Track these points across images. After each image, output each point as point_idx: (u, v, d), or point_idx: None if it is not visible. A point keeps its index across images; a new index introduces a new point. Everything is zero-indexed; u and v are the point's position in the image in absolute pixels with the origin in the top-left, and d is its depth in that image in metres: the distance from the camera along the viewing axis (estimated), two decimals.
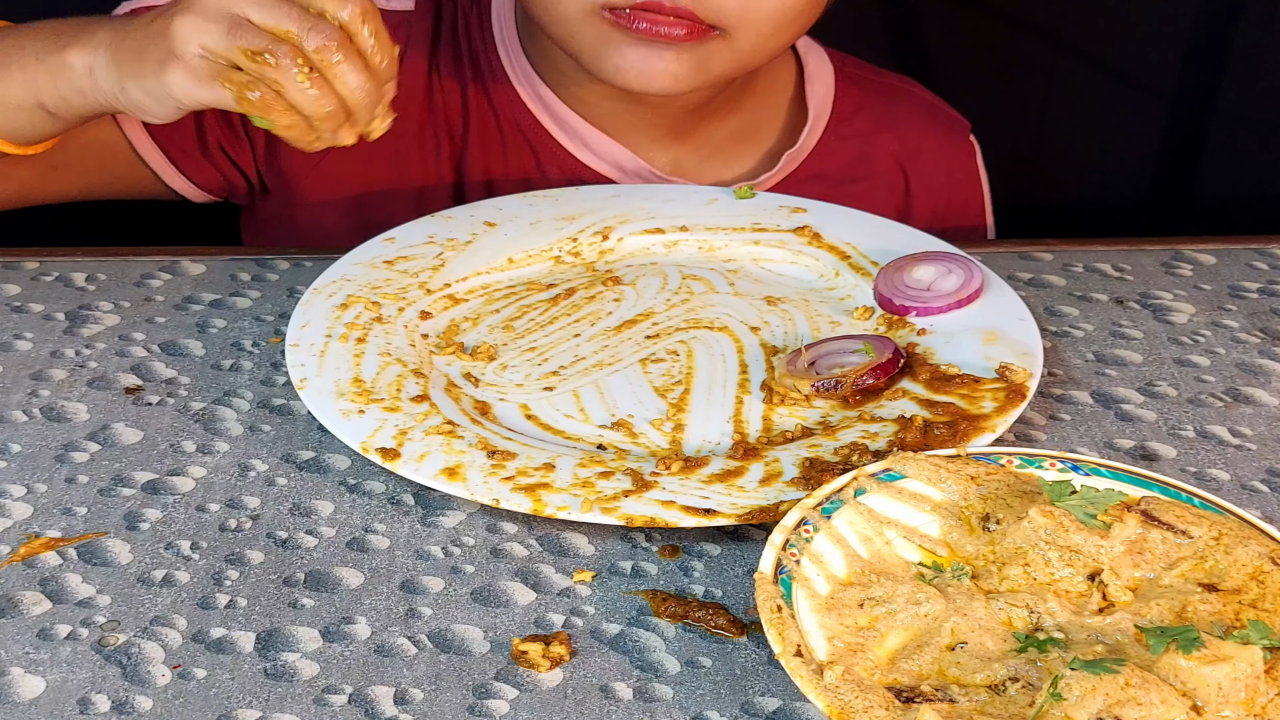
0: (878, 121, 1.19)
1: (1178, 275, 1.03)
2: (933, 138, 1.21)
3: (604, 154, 1.12)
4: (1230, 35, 1.50)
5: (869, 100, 1.19)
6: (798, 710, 0.65)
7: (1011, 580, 0.69)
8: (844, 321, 0.95)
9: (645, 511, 0.74)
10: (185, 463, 0.81)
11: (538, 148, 1.13)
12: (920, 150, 1.20)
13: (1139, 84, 1.52)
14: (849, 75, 1.20)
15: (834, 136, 1.17)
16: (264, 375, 0.90)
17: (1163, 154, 1.55)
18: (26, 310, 0.97)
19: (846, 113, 1.18)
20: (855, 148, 1.18)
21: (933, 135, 1.21)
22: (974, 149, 1.23)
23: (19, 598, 0.71)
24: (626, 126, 1.12)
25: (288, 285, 1.00)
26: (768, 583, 0.66)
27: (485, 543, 0.76)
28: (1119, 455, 0.83)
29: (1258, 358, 0.93)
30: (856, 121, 1.18)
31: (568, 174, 1.13)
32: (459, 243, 1.01)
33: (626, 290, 0.98)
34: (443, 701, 0.65)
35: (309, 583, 0.73)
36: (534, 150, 1.13)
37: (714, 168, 1.16)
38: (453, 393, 0.86)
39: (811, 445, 0.80)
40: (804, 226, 1.03)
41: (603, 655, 0.68)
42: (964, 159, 1.23)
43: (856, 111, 1.18)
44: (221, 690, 0.66)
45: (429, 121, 1.13)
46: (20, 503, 0.78)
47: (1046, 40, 1.50)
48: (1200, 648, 0.61)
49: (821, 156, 1.17)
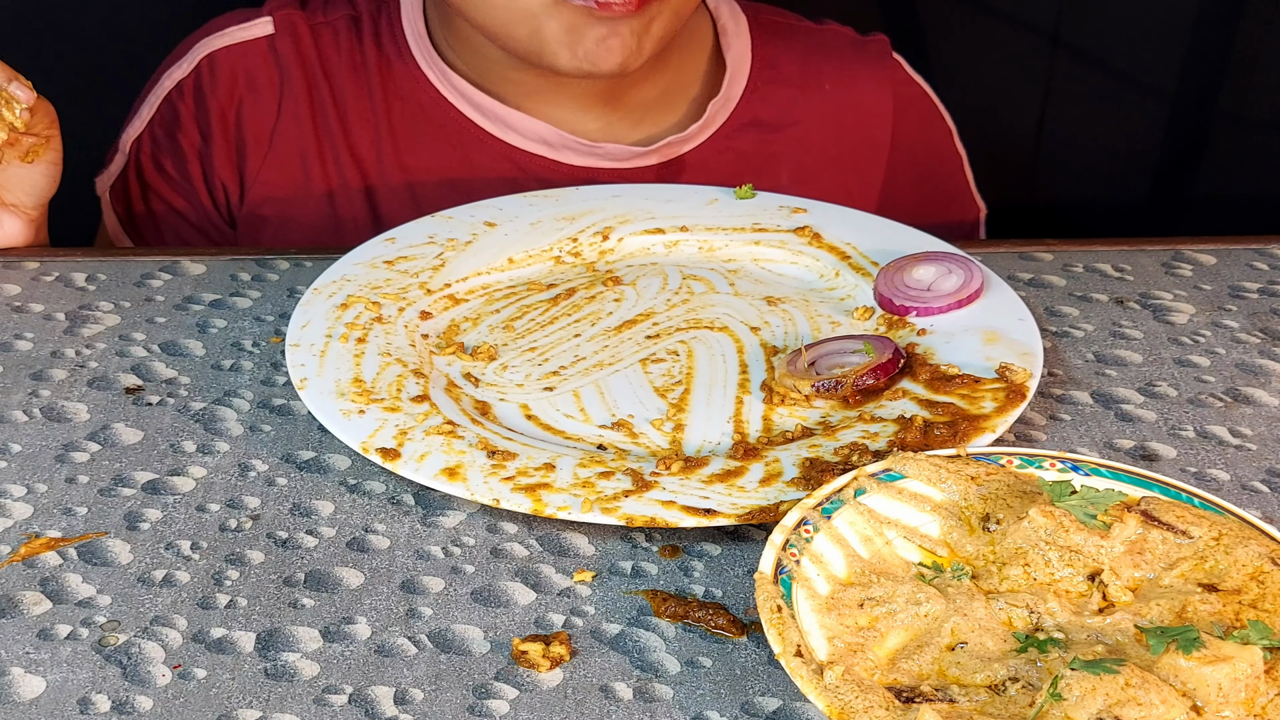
0: (804, 64, 1.21)
1: (1178, 275, 1.03)
2: (863, 67, 1.22)
3: (528, 132, 1.14)
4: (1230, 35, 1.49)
5: (791, 45, 1.21)
6: (798, 710, 0.65)
7: (1011, 580, 0.69)
8: (844, 321, 0.95)
9: (645, 511, 0.74)
10: (185, 463, 0.81)
11: (462, 138, 1.15)
12: (855, 82, 1.21)
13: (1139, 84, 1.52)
14: (763, 23, 1.22)
15: (760, 82, 1.19)
16: (264, 375, 0.90)
17: (1163, 154, 1.55)
18: (26, 310, 0.97)
19: (769, 58, 1.20)
20: (787, 93, 1.20)
21: (862, 65, 1.22)
22: (899, 63, 1.24)
23: (19, 598, 0.71)
24: (558, 99, 1.15)
25: (288, 285, 1.00)
26: (768, 583, 0.66)
27: (485, 543, 0.76)
28: (1119, 455, 0.83)
29: (1258, 358, 0.93)
30: (782, 66, 1.20)
31: (497, 157, 1.15)
32: (459, 243, 1.01)
33: (627, 290, 0.98)
34: (443, 701, 0.65)
35: (309, 583, 0.73)
36: (460, 142, 1.15)
37: (645, 127, 1.18)
38: (453, 393, 0.86)
39: (811, 445, 0.80)
40: (804, 227, 1.03)
41: (603, 655, 0.68)
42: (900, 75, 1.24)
43: (780, 56, 1.20)
44: (221, 690, 0.66)
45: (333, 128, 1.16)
46: (20, 503, 0.78)
47: (1046, 40, 1.50)
48: (1200, 648, 0.61)
49: (752, 104, 1.18)
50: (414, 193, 1.15)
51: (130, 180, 1.19)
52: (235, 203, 1.18)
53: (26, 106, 0.96)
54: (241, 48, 1.16)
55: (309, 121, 1.15)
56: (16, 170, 1.01)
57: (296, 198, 1.16)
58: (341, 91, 1.16)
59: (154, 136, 1.17)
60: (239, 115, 1.16)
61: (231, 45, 1.16)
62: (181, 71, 1.16)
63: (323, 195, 1.16)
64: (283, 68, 1.15)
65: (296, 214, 1.16)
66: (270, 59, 1.15)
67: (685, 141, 1.16)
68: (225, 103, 1.16)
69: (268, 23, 1.16)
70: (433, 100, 1.15)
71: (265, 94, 1.15)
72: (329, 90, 1.15)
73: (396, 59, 1.16)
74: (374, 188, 1.16)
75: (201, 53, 1.16)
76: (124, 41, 1.36)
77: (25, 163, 1.00)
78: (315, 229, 1.16)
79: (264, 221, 1.17)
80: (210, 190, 1.18)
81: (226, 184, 1.18)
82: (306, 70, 1.15)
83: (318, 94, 1.15)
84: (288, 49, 1.15)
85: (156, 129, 1.17)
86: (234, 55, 1.15)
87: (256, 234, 1.17)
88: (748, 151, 1.17)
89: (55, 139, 1.01)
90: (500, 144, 1.15)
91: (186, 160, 1.17)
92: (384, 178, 1.16)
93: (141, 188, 1.18)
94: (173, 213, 1.19)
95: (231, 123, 1.16)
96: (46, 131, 1.00)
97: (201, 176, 1.18)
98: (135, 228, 1.19)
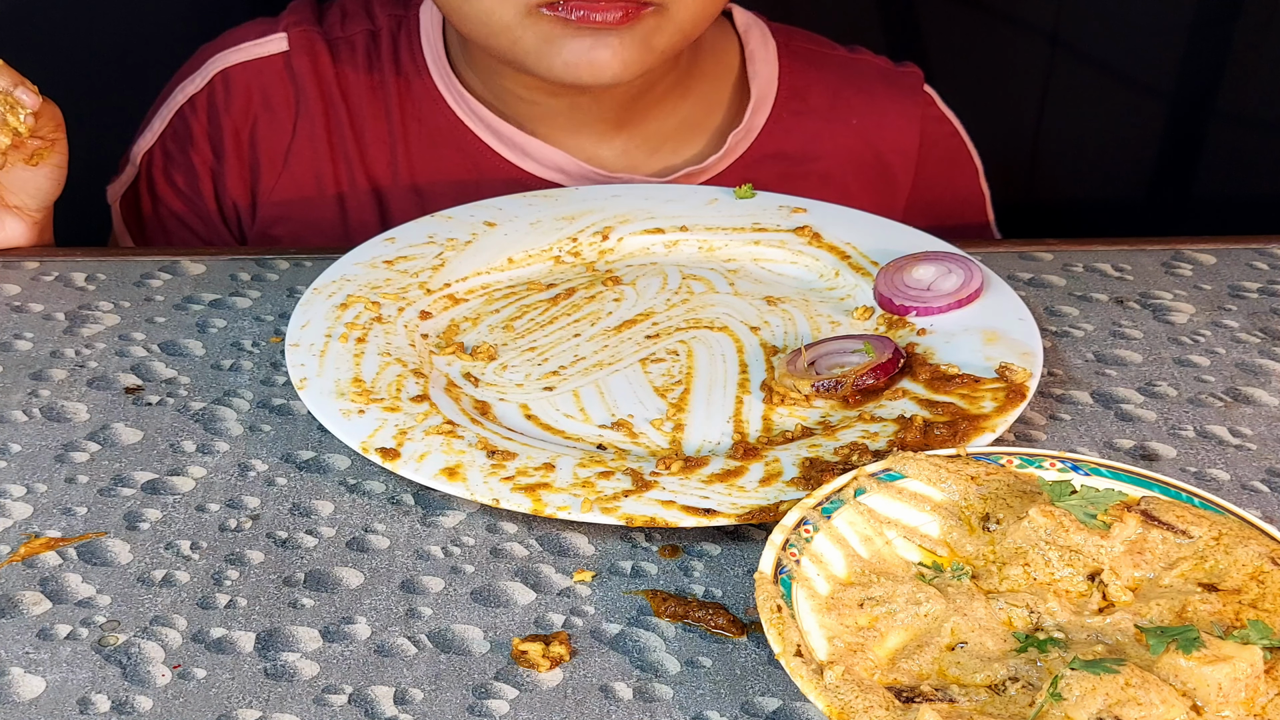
0: (834, 96, 1.18)
1: (1178, 275, 1.03)
2: (893, 102, 1.19)
3: (544, 160, 1.13)
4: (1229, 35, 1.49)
5: (821, 75, 1.18)
6: (798, 710, 0.65)
7: (1011, 580, 0.69)
8: (844, 321, 0.95)
9: (645, 511, 0.74)
10: (185, 463, 0.81)
11: (478, 163, 1.14)
12: (883, 118, 1.19)
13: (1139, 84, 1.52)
14: (795, 50, 1.19)
15: (786, 113, 1.16)
16: (264, 375, 0.90)
17: (1163, 154, 1.55)
18: (26, 310, 0.97)
19: (798, 89, 1.17)
20: (813, 125, 1.17)
21: (892, 100, 1.20)
22: (932, 98, 1.22)
23: (19, 598, 0.71)
24: (574, 125, 1.13)
25: (288, 285, 1.00)
26: (768, 583, 0.66)
27: (485, 543, 0.76)
28: (1119, 455, 0.83)
29: (1258, 358, 0.93)
30: (810, 98, 1.17)
31: (512, 183, 1.13)
32: (459, 243, 1.01)
33: (626, 290, 0.98)
34: (443, 701, 0.65)
35: (309, 583, 0.73)
36: (475, 167, 1.14)
37: (664, 156, 1.16)
38: (453, 393, 0.86)
39: (811, 445, 0.80)
40: (804, 226, 1.03)
41: (603, 655, 0.68)
42: (931, 113, 1.22)
43: (809, 87, 1.18)
44: (221, 690, 0.66)
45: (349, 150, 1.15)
46: (20, 503, 0.78)
47: (1045, 40, 1.50)
48: (1200, 648, 0.61)
49: (775, 136, 1.16)
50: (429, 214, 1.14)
51: (141, 191, 1.18)
52: (247, 220, 1.17)
53: (31, 111, 0.96)
54: (257, 65, 1.14)
55: (324, 141, 1.14)
56: (21, 173, 1.00)
57: (310, 218, 1.15)
58: (358, 111, 1.14)
59: (165, 150, 1.17)
60: (253, 134, 1.15)
61: (247, 62, 1.14)
62: (195, 86, 1.15)
63: (336, 216, 1.15)
64: (299, 86, 1.14)
65: (309, 234, 1.15)
66: (286, 77, 1.14)
67: (704, 173, 1.15)
68: (240, 121, 1.15)
69: (283, 39, 1.14)
70: (450, 123, 1.14)
71: (280, 113, 1.14)
72: (345, 110, 1.14)
73: (415, 79, 1.14)
74: (388, 209, 1.15)
75: (215, 67, 1.15)
76: (134, 45, 1.36)
77: (30, 166, 1.00)
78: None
79: (276, 241, 1.16)
80: (221, 207, 1.17)
81: (238, 202, 1.17)
82: (323, 89, 1.14)
83: (334, 113, 1.14)
84: (304, 67, 1.14)
85: (168, 142, 1.17)
86: (249, 72, 1.14)
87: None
88: (767, 183, 1.14)
89: (60, 142, 1.01)
90: (516, 170, 1.13)
91: (198, 176, 1.16)
92: (399, 199, 1.15)
93: (152, 200, 1.18)
94: (182, 225, 1.18)
95: (245, 141, 1.15)
96: (52, 135, 1.00)
97: (213, 193, 1.17)
98: (145, 238, 1.19)
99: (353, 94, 1.15)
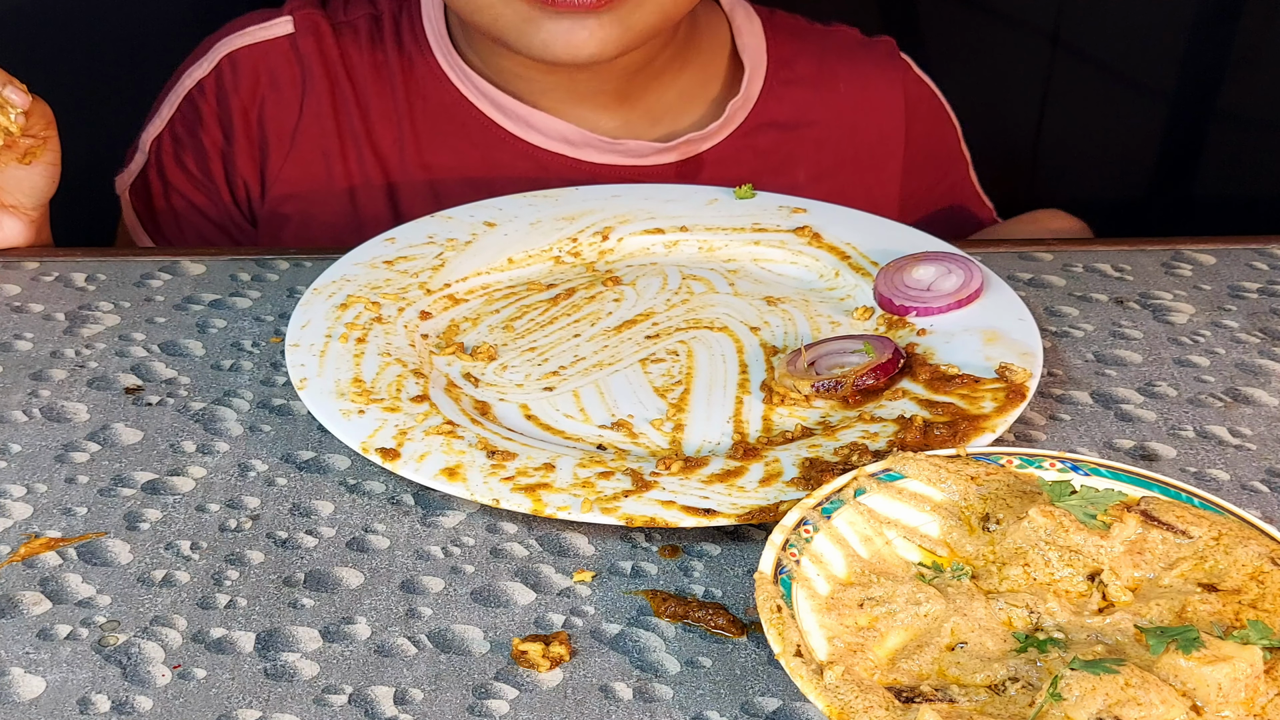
0: (819, 64, 1.22)
1: (1178, 275, 1.03)
2: (874, 68, 1.23)
3: (549, 131, 1.15)
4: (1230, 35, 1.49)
5: (805, 46, 1.22)
6: (798, 710, 0.65)
7: (1011, 580, 0.69)
8: (844, 321, 0.95)
9: (645, 511, 0.74)
10: (185, 463, 0.81)
11: (484, 136, 1.16)
12: (868, 83, 1.22)
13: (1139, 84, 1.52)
14: (778, 24, 1.22)
15: (776, 83, 1.20)
16: (264, 375, 0.90)
17: (1163, 154, 1.55)
18: (26, 310, 0.97)
19: (785, 58, 1.21)
20: (803, 93, 1.20)
21: (873, 65, 1.23)
22: (908, 63, 1.26)
23: (19, 598, 0.71)
24: (574, 98, 1.15)
25: (288, 285, 1.00)
26: (768, 583, 0.66)
27: (485, 543, 0.76)
28: (1119, 455, 0.83)
29: (1258, 358, 0.93)
30: (797, 67, 1.21)
31: (518, 155, 1.15)
32: (459, 243, 1.01)
33: (626, 290, 0.98)
34: (443, 701, 0.65)
35: (309, 583, 0.73)
36: (482, 140, 1.16)
37: (665, 125, 1.19)
38: (453, 393, 0.86)
39: (811, 445, 0.80)
40: (804, 226, 1.03)
41: (603, 655, 0.68)
42: (911, 76, 1.25)
43: (795, 57, 1.21)
44: (221, 690, 0.66)
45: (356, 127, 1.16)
46: (20, 503, 0.78)
47: (1045, 39, 1.50)
48: (1200, 648, 0.61)
49: (769, 105, 1.19)
50: (436, 191, 1.16)
51: (151, 178, 1.19)
52: (257, 200, 1.19)
53: (22, 110, 0.96)
54: (263, 46, 1.16)
55: (331, 119, 1.16)
56: (15, 172, 1.01)
57: (318, 196, 1.16)
58: (364, 90, 1.16)
59: (175, 135, 1.18)
60: (261, 113, 1.16)
61: (253, 44, 1.16)
62: (202, 71, 1.16)
63: (344, 193, 1.16)
64: (305, 66, 1.15)
65: (318, 212, 1.17)
66: (292, 57, 1.16)
67: (704, 140, 1.17)
68: (247, 101, 1.16)
69: (288, 22, 1.16)
70: (454, 99, 1.16)
71: (287, 92, 1.16)
72: (351, 89, 1.16)
73: (418, 58, 1.16)
74: (396, 186, 1.17)
75: (222, 52, 1.16)
76: (134, 42, 1.37)
77: (24, 164, 1.00)
78: (337, 227, 1.16)
79: (285, 219, 1.17)
80: (232, 188, 1.19)
81: (248, 182, 1.18)
82: (329, 69, 1.16)
83: (340, 92, 1.16)
84: (310, 48, 1.15)
85: (178, 127, 1.18)
86: (256, 54, 1.16)
87: (278, 231, 1.18)
88: (765, 150, 1.18)
89: (53, 140, 1.01)
90: (521, 143, 1.15)
91: (208, 158, 1.17)
92: (406, 176, 1.16)
93: (163, 185, 1.19)
94: (194, 209, 1.19)
95: (254, 121, 1.17)
96: (43, 133, 1.00)
97: (223, 174, 1.18)
98: (156, 225, 1.20)
99: (358, 74, 1.16)
